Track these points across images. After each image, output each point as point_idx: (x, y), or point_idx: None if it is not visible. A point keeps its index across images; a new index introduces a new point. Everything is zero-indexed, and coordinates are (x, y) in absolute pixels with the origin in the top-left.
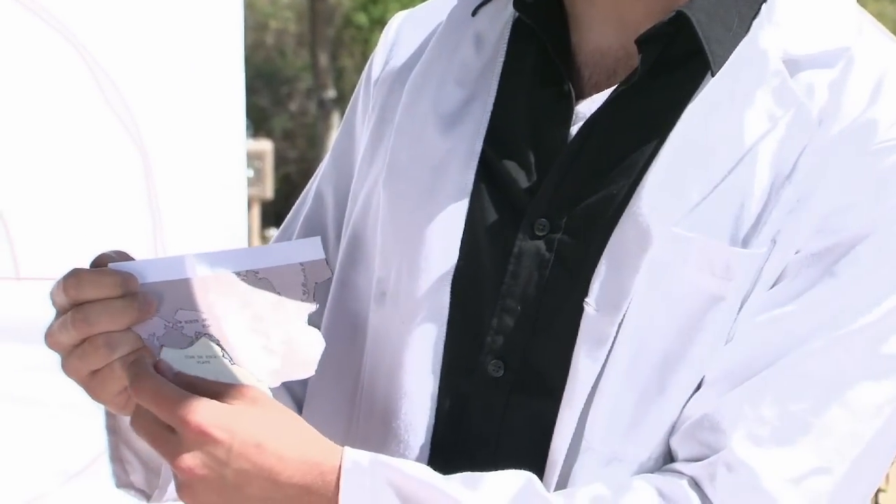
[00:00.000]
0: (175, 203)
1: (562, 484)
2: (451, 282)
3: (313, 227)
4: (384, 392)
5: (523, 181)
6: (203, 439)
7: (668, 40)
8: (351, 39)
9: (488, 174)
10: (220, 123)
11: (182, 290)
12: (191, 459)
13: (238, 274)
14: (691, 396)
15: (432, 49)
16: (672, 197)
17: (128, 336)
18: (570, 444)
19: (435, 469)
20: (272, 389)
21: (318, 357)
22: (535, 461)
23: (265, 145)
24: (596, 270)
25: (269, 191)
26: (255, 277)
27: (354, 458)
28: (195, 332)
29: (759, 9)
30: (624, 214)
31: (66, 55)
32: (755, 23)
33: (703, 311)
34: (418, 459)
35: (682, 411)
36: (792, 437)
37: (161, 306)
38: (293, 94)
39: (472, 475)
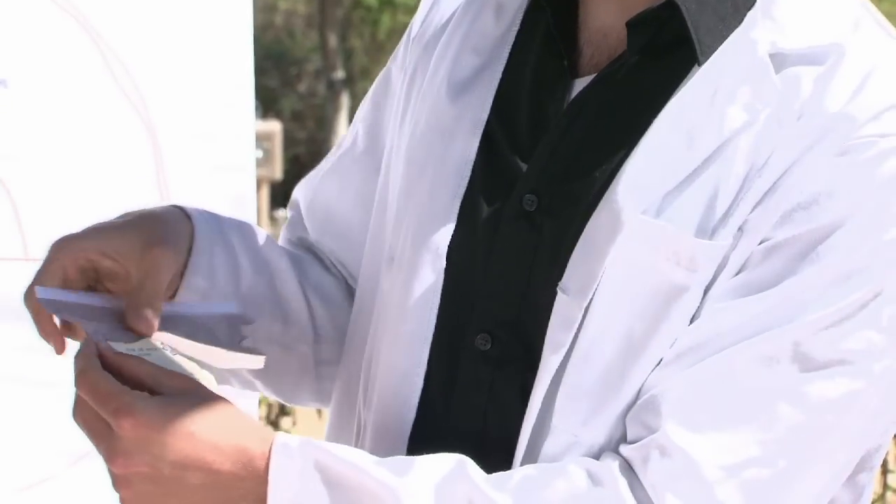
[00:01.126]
0: (184, 184)
1: (528, 462)
2: (446, 251)
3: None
4: (385, 358)
5: (519, 154)
6: (138, 434)
7: (658, 26)
8: (360, 20)
9: (491, 144)
10: (229, 104)
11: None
12: (126, 455)
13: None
14: None
15: (459, 14)
16: (647, 185)
17: None
18: (534, 425)
19: (420, 441)
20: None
21: (263, 354)
22: (515, 439)
23: (274, 126)
24: (572, 254)
25: (278, 172)
26: (183, 319)
27: (284, 441)
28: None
29: (756, 0)
30: (602, 199)
31: (76, 36)
32: (749, 15)
33: (668, 300)
34: (404, 428)
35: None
36: (732, 426)
37: (103, 318)
38: (302, 75)
39: (403, 459)
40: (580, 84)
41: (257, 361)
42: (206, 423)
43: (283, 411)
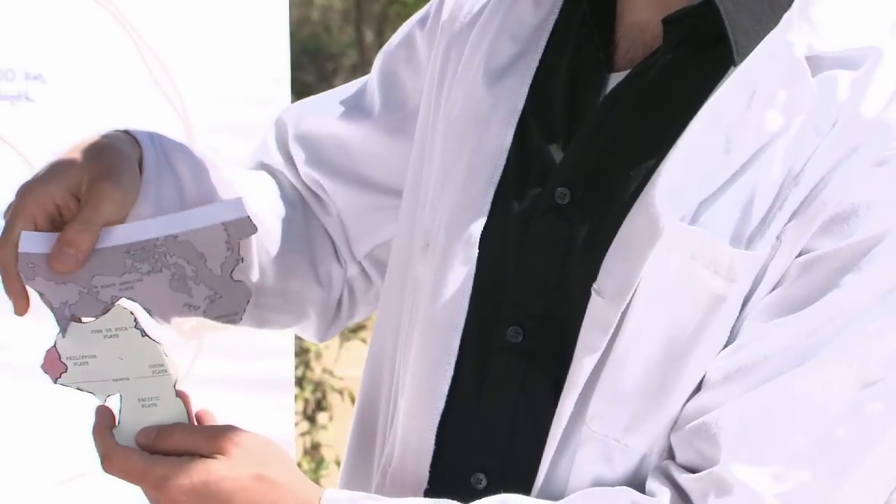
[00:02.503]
0: None
1: (559, 466)
2: (479, 240)
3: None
4: (417, 345)
5: (554, 145)
6: (179, 499)
7: (694, 23)
8: (396, 16)
9: (525, 133)
10: (265, 99)
11: (100, 258)
12: None
13: (157, 239)
14: (693, 394)
15: (495, 1)
16: (684, 190)
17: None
18: (566, 427)
19: (449, 429)
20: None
21: (245, 306)
22: (546, 435)
23: None
24: (606, 255)
25: None
26: (174, 241)
27: (331, 498)
28: (111, 297)
29: (793, 2)
30: (638, 200)
31: (112, 31)
32: (786, 16)
33: (707, 309)
34: (434, 417)
35: (682, 408)
36: (788, 454)
37: (76, 273)
38: (338, 70)
39: None
40: (615, 78)
41: (231, 321)
42: (246, 492)
43: (320, 406)
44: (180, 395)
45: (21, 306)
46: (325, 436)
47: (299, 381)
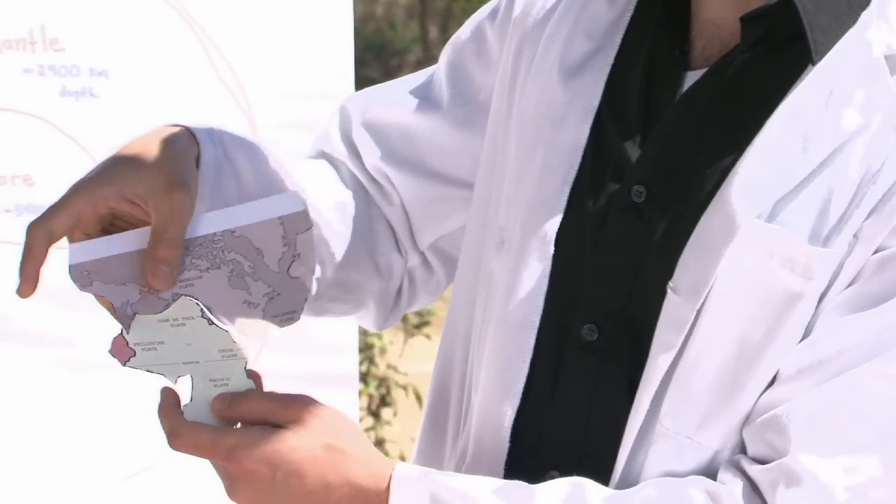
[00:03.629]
0: None
1: (634, 464)
2: (555, 238)
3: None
4: (492, 343)
5: (629, 143)
6: (246, 476)
7: (773, 22)
8: (461, 11)
9: (601, 131)
10: (329, 95)
11: None
12: (239, 492)
13: (214, 234)
14: (765, 390)
15: None
16: (761, 188)
17: None
18: (642, 424)
19: (523, 428)
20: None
21: (303, 304)
22: (620, 433)
23: None
24: (683, 253)
25: None
26: (232, 237)
27: (402, 474)
28: (171, 295)
29: (871, 1)
30: (714, 198)
31: (176, 27)
32: (864, 14)
33: (783, 307)
34: (508, 414)
35: (755, 404)
36: (858, 447)
37: (135, 272)
38: (403, 66)
39: (520, 488)
40: (692, 76)
41: (289, 320)
42: (315, 464)
43: (384, 402)
44: (252, 375)
45: (27, 289)
46: (390, 431)
47: (363, 377)
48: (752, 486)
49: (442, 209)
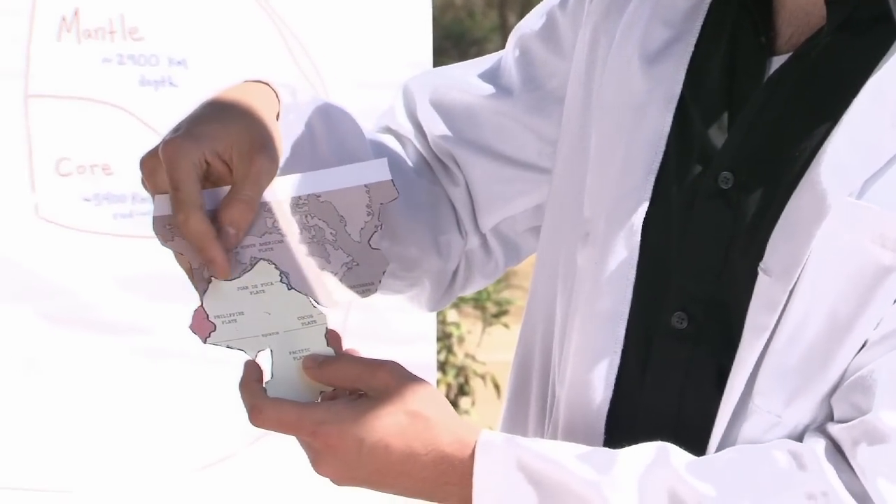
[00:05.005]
0: None
1: (726, 444)
2: (641, 227)
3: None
4: (579, 335)
5: (713, 130)
6: (331, 450)
7: (857, 3)
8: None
9: (684, 118)
10: None
11: None
12: (325, 466)
13: (299, 198)
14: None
15: None
16: (850, 166)
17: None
18: (736, 406)
19: (615, 418)
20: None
21: (381, 277)
22: (712, 416)
23: None
24: (772, 234)
25: None
26: (317, 201)
27: (487, 440)
28: (250, 258)
29: None
30: (803, 179)
31: (255, 17)
32: None
33: (873, 282)
34: (601, 406)
35: (843, 374)
36: None
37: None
38: (481, 55)
39: (605, 453)
40: (777, 61)
41: (366, 292)
42: (402, 432)
43: (462, 391)
44: (331, 337)
45: (223, 270)
46: (468, 420)
47: (442, 366)
48: (836, 446)
49: (508, 191)
